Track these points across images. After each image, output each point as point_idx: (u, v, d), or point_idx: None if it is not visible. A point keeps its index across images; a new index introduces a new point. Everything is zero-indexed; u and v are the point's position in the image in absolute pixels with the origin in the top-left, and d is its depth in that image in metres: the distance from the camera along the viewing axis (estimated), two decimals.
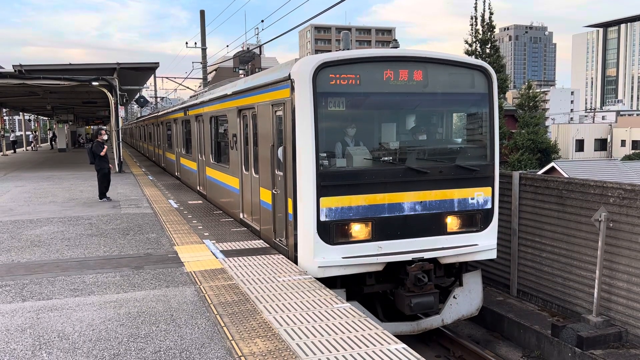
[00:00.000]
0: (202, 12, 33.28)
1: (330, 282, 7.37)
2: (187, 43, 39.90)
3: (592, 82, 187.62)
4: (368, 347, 4.95)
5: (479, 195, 8.20)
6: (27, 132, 55.22)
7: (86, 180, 20.17)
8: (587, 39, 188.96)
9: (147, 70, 25.85)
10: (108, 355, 4.97)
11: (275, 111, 8.38)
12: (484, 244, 8.28)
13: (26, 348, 5.16)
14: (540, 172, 31.88)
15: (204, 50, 33.82)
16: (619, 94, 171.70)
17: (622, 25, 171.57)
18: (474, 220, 8.23)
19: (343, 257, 7.50)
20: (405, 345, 4.93)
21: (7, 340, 5.34)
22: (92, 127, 74.19)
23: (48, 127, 65.69)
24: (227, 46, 50.57)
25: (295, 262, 7.85)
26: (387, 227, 7.70)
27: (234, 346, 5.05)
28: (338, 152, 7.75)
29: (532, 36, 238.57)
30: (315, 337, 5.20)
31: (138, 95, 35.13)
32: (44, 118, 61.35)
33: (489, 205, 8.28)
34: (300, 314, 5.80)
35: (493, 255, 8.49)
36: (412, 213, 7.81)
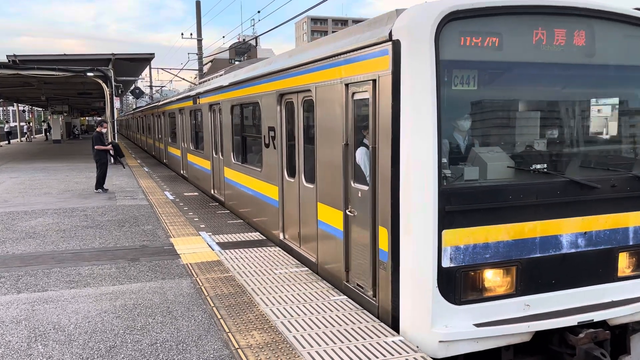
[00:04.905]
0: (198, 3, 33.09)
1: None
2: (182, 34, 39.96)
3: None
4: (365, 339, 4.94)
5: None
6: (22, 123, 55.02)
7: (81, 171, 20.10)
8: None
9: (142, 61, 25.79)
10: (104, 347, 4.95)
11: (353, 93, 5.82)
12: None
13: (21, 340, 5.13)
14: None
15: (199, 41, 33.69)
16: None
17: None
18: None
19: (476, 325, 4.91)
20: (402, 338, 4.93)
21: (2, 332, 5.32)
22: (87, 118, 74.01)
23: (42, 119, 65.38)
24: (223, 37, 50.52)
25: (392, 325, 5.23)
26: (537, 273, 5.16)
27: (230, 338, 5.04)
28: (470, 157, 5.15)
29: None
30: (312, 329, 5.19)
31: (133, 86, 35.00)
32: (39, 109, 61.06)
33: None
34: (297, 307, 5.79)
35: None
36: (573, 250, 5.26)
